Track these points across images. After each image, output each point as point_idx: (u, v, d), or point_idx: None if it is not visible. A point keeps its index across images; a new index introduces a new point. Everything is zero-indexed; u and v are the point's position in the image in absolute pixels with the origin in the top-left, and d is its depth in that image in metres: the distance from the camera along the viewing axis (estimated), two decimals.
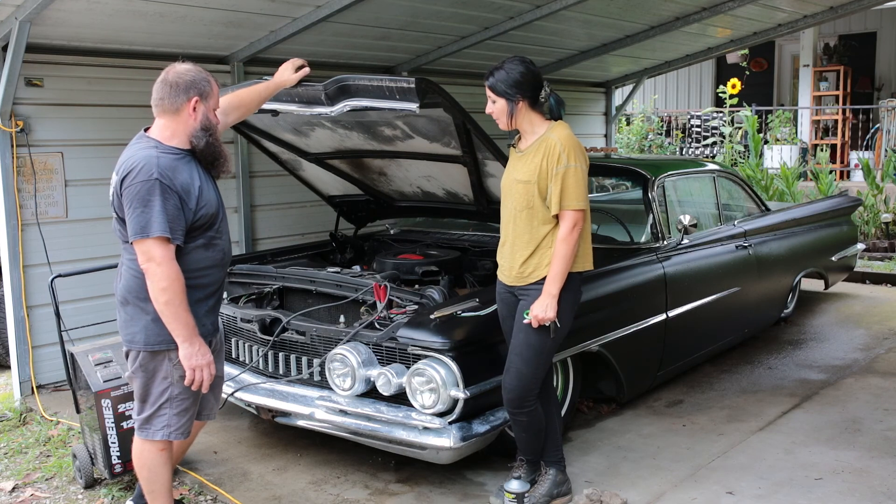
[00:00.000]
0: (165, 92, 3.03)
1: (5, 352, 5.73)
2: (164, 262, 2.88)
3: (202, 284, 3.09)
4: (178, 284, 2.90)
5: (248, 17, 5.42)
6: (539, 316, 3.28)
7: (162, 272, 2.88)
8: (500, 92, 3.37)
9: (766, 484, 3.77)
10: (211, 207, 3.06)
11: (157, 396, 3.08)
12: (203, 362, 2.98)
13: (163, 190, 2.88)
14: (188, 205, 2.96)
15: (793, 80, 15.06)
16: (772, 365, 5.58)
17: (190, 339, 2.95)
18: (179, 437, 3.16)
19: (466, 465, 3.91)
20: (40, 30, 4.81)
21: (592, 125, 9.93)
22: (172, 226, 2.90)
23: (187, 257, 3.01)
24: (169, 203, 2.89)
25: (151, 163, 2.91)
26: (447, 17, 6.29)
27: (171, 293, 2.89)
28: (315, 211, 6.53)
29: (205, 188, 3.05)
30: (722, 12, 7.37)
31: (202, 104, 3.04)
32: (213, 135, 3.07)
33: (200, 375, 2.99)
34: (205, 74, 3.08)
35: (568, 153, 3.30)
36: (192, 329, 2.95)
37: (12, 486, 3.98)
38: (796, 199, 9.56)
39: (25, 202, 5.09)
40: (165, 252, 2.89)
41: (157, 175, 2.88)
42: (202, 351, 2.98)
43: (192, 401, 3.14)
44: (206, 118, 3.05)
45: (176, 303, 2.90)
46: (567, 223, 3.30)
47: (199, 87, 3.04)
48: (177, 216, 2.92)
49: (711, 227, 5.41)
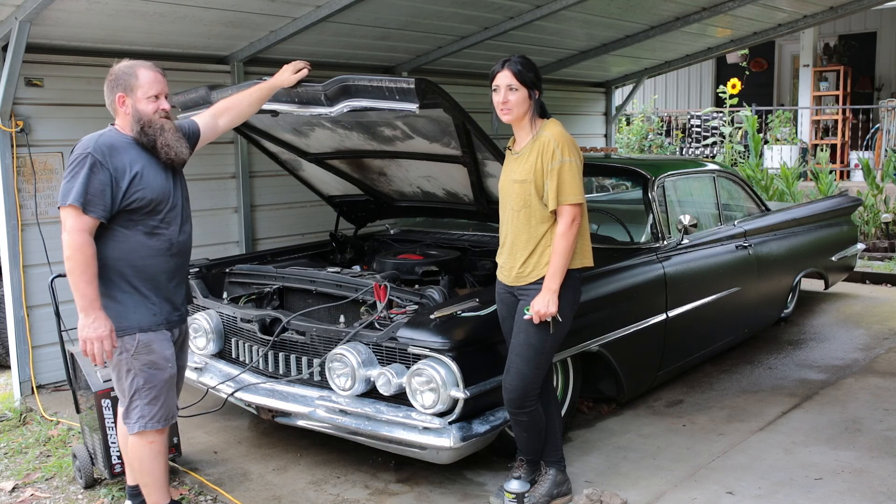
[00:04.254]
0: (105, 94, 3.16)
1: (5, 352, 5.73)
2: (73, 231, 2.95)
3: (147, 274, 3.13)
4: (81, 255, 2.95)
5: (248, 17, 5.42)
6: (540, 311, 3.28)
7: (68, 241, 2.96)
8: (528, 81, 3.32)
9: (766, 484, 3.77)
10: (151, 193, 3.10)
11: (127, 389, 3.17)
12: (93, 335, 2.98)
13: (93, 164, 2.97)
14: (119, 184, 3.02)
15: (793, 80, 15.06)
16: (772, 365, 5.58)
17: (86, 310, 2.98)
18: (157, 426, 3.20)
19: (466, 465, 3.91)
20: (40, 30, 4.81)
21: (592, 125, 9.93)
22: (90, 199, 2.96)
23: (126, 244, 3.08)
24: (95, 178, 2.97)
25: (91, 139, 3.04)
26: (447, 17, 6.29)
27: (73, 262, 2.95)
28: (315, 211, 6.54)
29: (147, 174, 3.09)
30: (722, 12, 7.38)
31: (129, 98, 3.11)
32: (144, 123, 3.10)
33: (92, 348, 3.00)
34: (129, 68, 3.13)
35: (562, 149, 3.30)
36: (89, 301, 2.98)
37: (12, 486, 3.99)
38: (796, 199, 9.55)
39: (25, 202, 5.09)
40: (76, 223, 2.95)
41: (91, 150, 2.99)
42: (96, 324, 2.99)
43: (161, 388, 3.19)
44: (136, 110, 3.10)
45: (77, 272, 2.95)
46: (565, 218, 3.30)
47: (122, 81, 3.11)
48: (100, 192, 2.98)
49: (711, 227, 5.41)
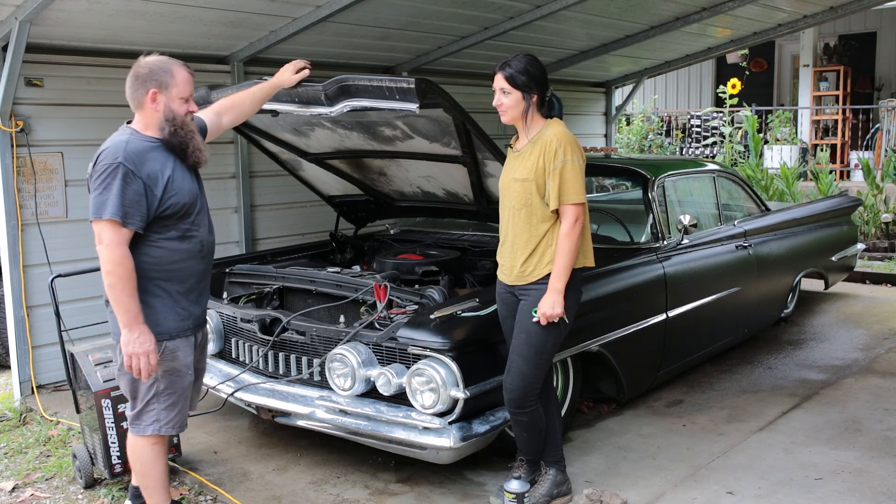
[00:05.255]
0: (129, 86, 3.06)
1: (5, 352, 5.73)
2: (112, 246, 2.88)
3: (180, 277, 3.09)
4: (122, 269, 2.88)
5: (248, 17, 5.42)
6: (547, 313, 3.27)
7: (107, 255, 2.88)
8: (519, 84, 3.32)
9: (766, 484, 3.77)
10: (183, 197, 3.05)
11: (144, 392, 3.10)
12: (140, 350, 2.93)
13: (125, 174, 2.88)
14: (153, 192, 2.95)
15: (793, 80, 15.06)
16: (772, 365, 5.58)
17: (130, 325, 2.92)
18: (171, 432, 3.17)
19: (466, 465, 3.91)
20: (40, 30, 4.81)
21: (592, 125, 9.93)
22: (128, 210, 2.89)
23: (161, 250, 3.02)
24: (129, 188, 2.89)
25: (119, 148, 2.93)
26: (447, 17, 6.29)
27: (113, 277, 2.88)
28: (315, 211, 6.53)
29: (177, 178, 3.03)
30: (722, 12, 7.37)
31: (162, 95, 3.02)
32: (178, 125, 3.03)
33: (137, 363, 2.95)
34: (165, 64, 3.04)
35: (564, 148, 3.30)
36: (133, 315, 2.92)
37: (12, 486, 3.98)
38: (796, 199, 9.55)
39: (25, 202, 5.09)
40: (114, 235, 2.88)
41: (122, 159, 2.89)
42: (141, 339, 2.93)
43: (180, 395, 3.15)
44: (169, 108, 3.02)
45: (118, 287, 2.89)
46: (568, 218, 3.30)
47: (158, 77, 3.02)
48: (136, 202, 2.91)
49: (711, 227, 5.41)
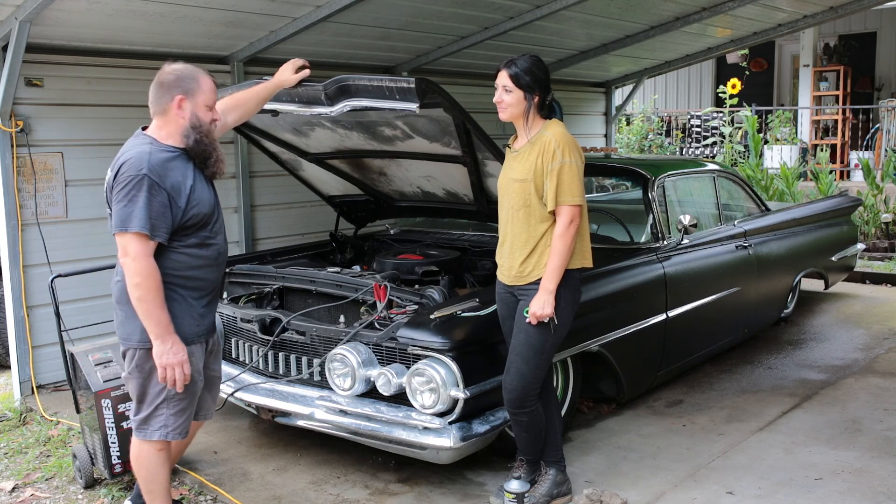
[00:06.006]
0: (154, 92, 3.03)
1: (5, 352, 5.73)
2: (139, 258, 2.86)
3: (197, 284, 3.07)
4: (152, 281, 2.88)
5: (248, 17, 5.42)
6: (537, 313, 3.28)
7: (136, 267, 2.86)
8: (523, 84, 3.33)
9: (766, 484, 3.77)
10: (204, 207, 3.03)
11: (153, 397, 3.07)
12: (174, 360, 2.93)
13: (150, 186, 2.86)
14: (177, 203, 2.93)
15: (793, 80, 15.06)
16: (772, 365, 5.58)
17: (162, 336, 2.91)
18: (177, 438, 3.14)
19: (466, 465, 3.91)
20: (40, 30, 4.81)
21: (592, 125, 9.93)
22: (154, 223, 2.87)
23: (181, 256, 3.00)
24: (155, 200, 2.87)
25: (143, 158, 2.89)
26: (447, 17, 6.29)
27: (143, 289, 2.87)
28: (315, 211, 6.53)
29: (198, 187, 3.01)
30: (722, 12, 7.38)
31: (188, 102, 2.99)
32: (203, 133, 3.01)
33: (172, 374, 2.95)
34: (192, 72, 3.03)
35: (563, 149, 3.30)
36: (164, 327, 2.92)
37: (12, 486, 3.98)
38: (796, 199, 9.55)
39: (25, 202, 5.09)
40: (141, 248, 2.86)
41: (147, 171, 2.86)
42: (174, 349, 2.93)
43: (190, 401, 3.13)
44: (195, 116, 3.00)
45: (148, 299, 2.87)
46: (563, 219, 3.30)
47: (184, 84, 3.00)
48: (161, 214, 2.89)
49: (711, 227, 5.41)
